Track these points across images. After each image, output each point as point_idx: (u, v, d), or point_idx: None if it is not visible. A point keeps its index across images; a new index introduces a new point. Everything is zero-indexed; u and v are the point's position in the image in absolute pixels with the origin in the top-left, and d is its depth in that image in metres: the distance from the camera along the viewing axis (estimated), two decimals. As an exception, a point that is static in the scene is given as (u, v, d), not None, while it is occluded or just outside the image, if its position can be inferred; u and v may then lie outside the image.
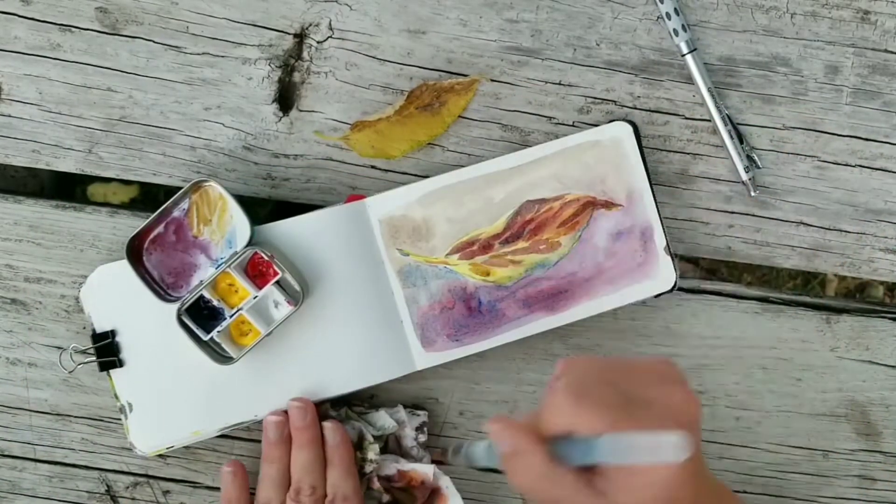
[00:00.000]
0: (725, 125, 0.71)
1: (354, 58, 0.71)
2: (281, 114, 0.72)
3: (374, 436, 0.69)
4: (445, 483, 0.69)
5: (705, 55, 0.72)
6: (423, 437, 0.71)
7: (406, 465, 0.69)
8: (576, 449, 0.51)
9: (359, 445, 0.69)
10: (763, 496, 0.74)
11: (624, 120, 0.70)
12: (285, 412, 0.69)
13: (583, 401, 0.51)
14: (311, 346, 0.69)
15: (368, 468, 0.68)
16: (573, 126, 0.72)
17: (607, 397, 0.52)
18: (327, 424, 0.68)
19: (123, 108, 0.71)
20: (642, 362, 0.56)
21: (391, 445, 0.71)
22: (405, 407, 0.72)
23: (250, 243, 0.67)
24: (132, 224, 0.71)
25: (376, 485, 0.69)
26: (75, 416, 0.72)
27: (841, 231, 0.73)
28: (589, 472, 0.52)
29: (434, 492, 0.70)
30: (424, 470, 0.69)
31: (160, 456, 0.72)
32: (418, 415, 0.72)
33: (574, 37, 0.71)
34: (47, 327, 0.72)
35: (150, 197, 0.75)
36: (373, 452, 0.68)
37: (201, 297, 0.67)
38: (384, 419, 0.70)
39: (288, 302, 0.67)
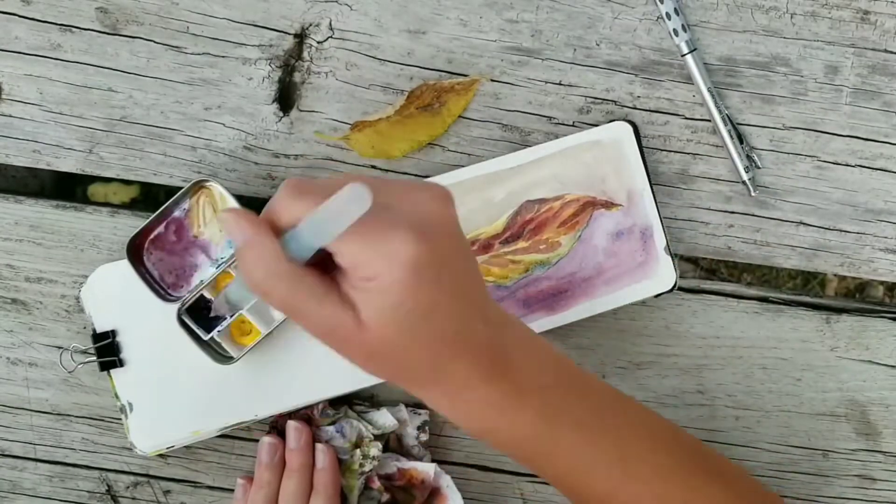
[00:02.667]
0: (725, 125, 0.71)
1: (355, 58, 0.71)
2: (281, 114, 0.72)
3: (374, 434, 0.69)
4: (446, 482, 0.69)
5: (705, 55, 0.72)
6: (424, 437, 0.71)
7: (406, 464, 0.69)
8: (294, 240, 0.47)
9: (358, 444, 0.69)
10: (763, 496, 0.74)
11: (624, 120, 0.70)
12: (281, 434, 0.69)
13: (303, 189, 0.48)
14: (311, 345, 0.69)
15: (368, 466, 0.68)
16: (573, 126, 0.72)
17: (325, 186, 0.48)
18: (319, 447, 0.68)
19: (124, 108, 0.71)
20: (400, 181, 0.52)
21: (392, 444, 0.71)
22: (406, 406, 0.72)
23: (250, 243, 0.67)
24: (133, 224, 0.71)
25: (376, 484, 0.69)
26: (76, 416, 0.72)
27: (841, 231, 0.73)
28: (336, 284, 0.49)
29: (434, 491, 0.70)
30: (425, 469, 0.69)
31: (161, 456, 0.72)
32: (420, 414, 0.72)
33: (574, 37, 0.71)
34: (48, 327, 0.72)
35: (150, 197, 0.75)
36: (375, 449, 0.68)
37: (202, 296, 0.67)
38: (385, 417, 0.70)
39: (288, 302, 0.67)
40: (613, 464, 0.56)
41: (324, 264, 0.50)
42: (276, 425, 0.71)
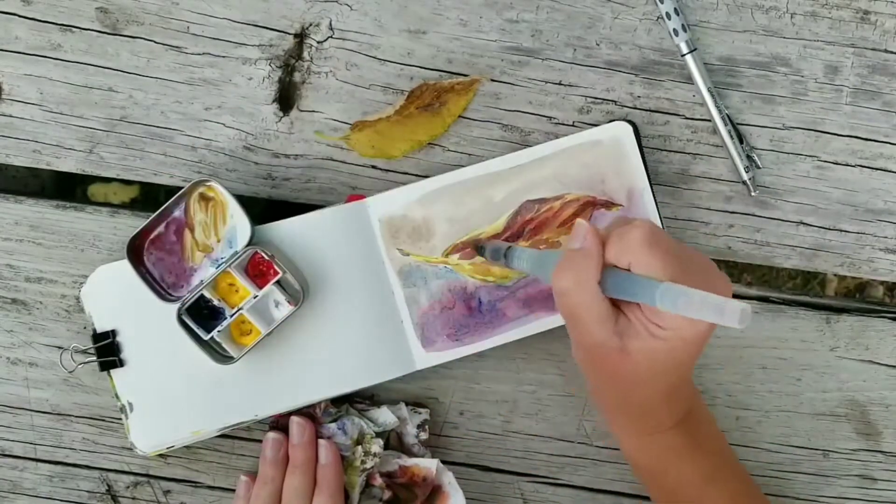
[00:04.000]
0: (725, 125, 0.71)
1: (355, 58, 0.71)
2: (281, 114, 0.72)
3: (375, 432, 0.69)
4: (448, 479, 0.69)
5: (705, 55, 0.72)
6: (424, 435, 0.71)
7: (408, 461, 0.69)
8: (627, 284, 0.52)
9: (359, 441, 0.69)
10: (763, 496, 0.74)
11: (624, 120, 0.70)
12: (285, 431, 0.69)
13: (655, 246, 0.53)
14: (311, 345, 0.69)
15: (370, 463, 0.68)
16: (573, 126, 0.72)
17: (675, 252, 0.54)
18: (322, 442, 0.68)
19: (124, 108, 0.71)
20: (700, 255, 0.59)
21: (392, 442, 0.71)
22: (407, 405, 0.72)
23: (251, 243, 0.67)
24: (133, 224, 0.71)
25: (378, 481, 0.69)
26: (76, 416, 0.72)
27: (841, 231, 0.73)
28: (617, 310, 0.54)
29: (436, 488, 0.70)
30: (427, 466, 0.69)
31: (161, 456, 0.72)
32: (420, 412, 0.72)
33: (574, 37, 0.71)
34: (48, 327, 0.72)
35: (150, 197, 0.75)
36: (376, 446, 0.68)
37: (202, 296, 0.67)
38: (386, 415, 0.70)
39: (288, 302, 0.68)
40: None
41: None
42: (276, 425, 0.71)
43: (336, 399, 0.70)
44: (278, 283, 0.68)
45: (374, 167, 0.72)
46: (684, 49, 0.71)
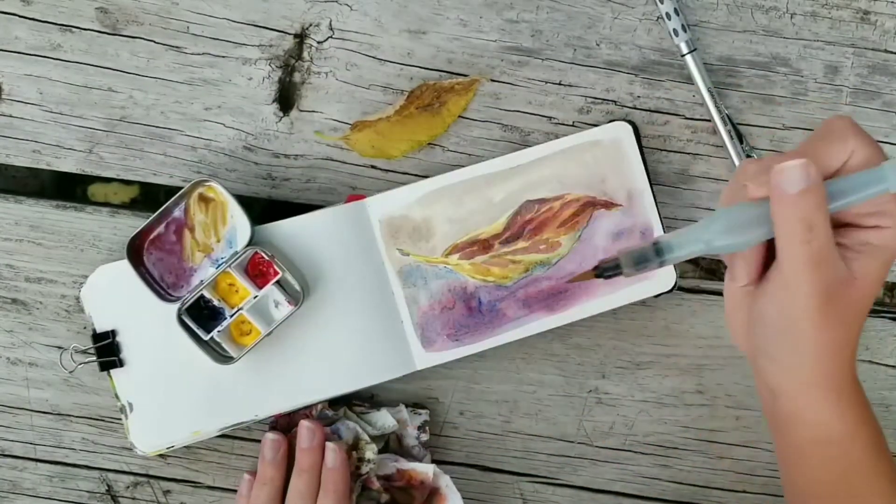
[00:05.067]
0: (725, 125, 0.71)
1: (355, 58, 0.71)
2: (281, 114, 0.72)
3: (374, 435, 0.69)
4: (445, 482, 0.69)
5: (705, 55, 0.72)
6: (424, 437, 0.71)
7: (405, 465, 0.69)
8: (854, 182, 0.48)
9: (355, 446, 0.69)
10: (763, 496, 0.74)
11: (624, 120, 0.70)
12: (285, 431, 0.69)
13: (861, 128, 0.50)
14: (311, 345, 0.69)
15: (365, 468, 0.68)
16: (573, 126, 0.72)
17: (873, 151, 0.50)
18: (329, 445, 0.67)
19: (124, 108, 0.71)
20: None
21: (392, 444, 0.71)
22: (406, 406, 0.72)
23: (251, 243, 0.67)
24: (133, 224, 0.71)
25: (375, 485, 0.69)
26: (76, 416, 0.72)
27: (841, 231, 0.73)
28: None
29: (433, 491, 0.70)
30: (424, 469, 0.69)
31: (160, 456, 0.72)
32: (420, 413, 0.72)
33: (574, 37, 0.71)
34: (48, 327, 0.72)
35: (150, 197, 0.75)
36: (370, 452, 0.68)
37: (202, 296, 0.67)
38: (385, 418, 0.70)
39: (288, 302, 0.68)
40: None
41: None
42: (275, 425, 0.71)
43: (334, 400, 0.70)
44: (278, 283, 0.68)
45: (374, 167, 0.72)
46: (684, 49, 0.71)
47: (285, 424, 0.70)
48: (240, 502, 0.69)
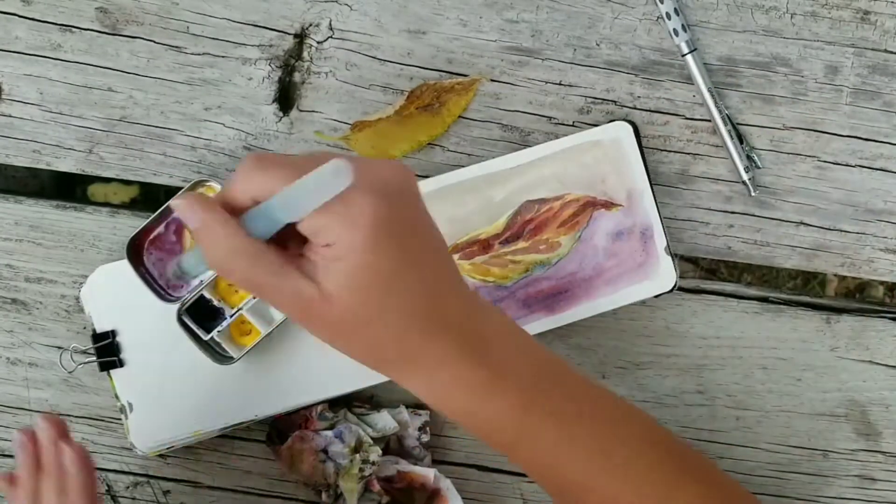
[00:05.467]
0: (725, 125, 0.71)
1: (354, 58, 0.71)
2: (281, 114, 0.72)
3: (375, 437, 0.69)
4: (446, 485, 0.69)
5: (705, 55, 0.72)
6: (425, 438, 0.71)
7: (406, 467, 0.69)
8: (261, 216, 0.47)
9: (357, 448, 0.69)
10: (763, 496, 0.74)
11: (624, 120, 0.70)
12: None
13: (267, 164, 0.47)
14: (311, 345, 0.69)
15: (368, 470, 0.68)
16: (573, 126, 0.72)
17: (293, 161, 0.47)
18: (66, 450, 0.60)
19: (124, 108, 0.71)
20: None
21: (393, 446, 0.71)
22: (407, 407, 0.71)
23: (250, 243, 0.67)
24: (132, 224, 0.71)
25: (376, 487, 0.69)
26: (76, 416, 0.72)
27: (841, 231, 0.73)
28: (298, 256, 0.48)
29: (434, 493, 0.69)
30: (425, 472, 0.69)
31: (160, 456, 0.72)
32: (420, 414, 0.71)
33: (574, 37, 0.71)
34: (48, 327, 0.72)
35: (150, 197, 0.75)
36: (374, 454, 0.68)
37: (202, 296, 0.67)
38: (385, 420, 0.70)
39: (288, 302, 0.67)
40: (592, 457, 0.54)
41: (285, 240, 0.49)
42: (276, 426, 0.71)
43: (334, 401, 0.70)
44: (278, 283, 0.67)
45: (373, 167, 0.72)
46: (684, 49, 0.71)
47: (285, 425, 0.70)
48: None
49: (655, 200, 0.70)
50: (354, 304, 0.48)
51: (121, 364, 0.69)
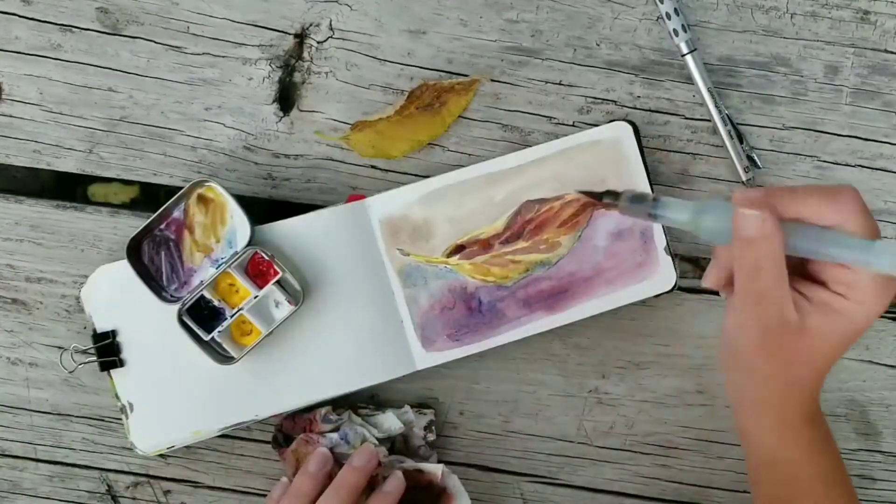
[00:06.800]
0: (725, 125, 0.71)
1: (355, 58, 0.71)
2: (281, 114, 0.72)
3: (379, 438, 0.69)
4: (453, 482, 0.69)
5: (705, 55, 0.72)
6: (431, 436, 0.71)
7: (412, 464, 0.69)
8: (837, 243, 0.51)
9: None
10: (763, 496, 0.74)
11: (624, 120, 0.70)
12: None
13: (867, 211, 0.52)
14: (311, 345, 0.69)
15: (375, 471, 0.68)
16: (573, 126, 0.72)
17: (861, 213, 0.52)
18: (398, 474, 0.66)
19: (124, 108, 0.71)
20: None
21: (398, 446, 0.71)
22: (411, 407, 0.71)
23: (250, 243, 0.67)
24: (133, 224, 0.71)
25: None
26: (76, 416, 0.72)
27: (841, 231, 0.73)
28: (792, 289, 0.53)
29: (441, 491, 0.69)
30: (432, 470, 0.69)
31: (161, 456, 0.72)
32: (425, 413, 0.71)
33: (574, 37, 0.72)
34: (48, 327, 0.72)
35: (150, 197, 0.74)
36: (381, 454, 0.68)
37: (202, 297, 0.67)
38: (391, 420, 0.70)
39: (289, 301, 0.68)
40: None
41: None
42: (280, 428, 0.71)
43: (337, 402, 0.70)
44: (278, 283, 0.68)
45: (374, 167, 0.72)
46: (684, 49, 0.71)
47: (289, 427, 0.70)
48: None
49: (655, 200, 0.70)
50: (818, 350, 0.54)
51: (121, 364, 0.69)
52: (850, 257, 0.50)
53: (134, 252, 0.68)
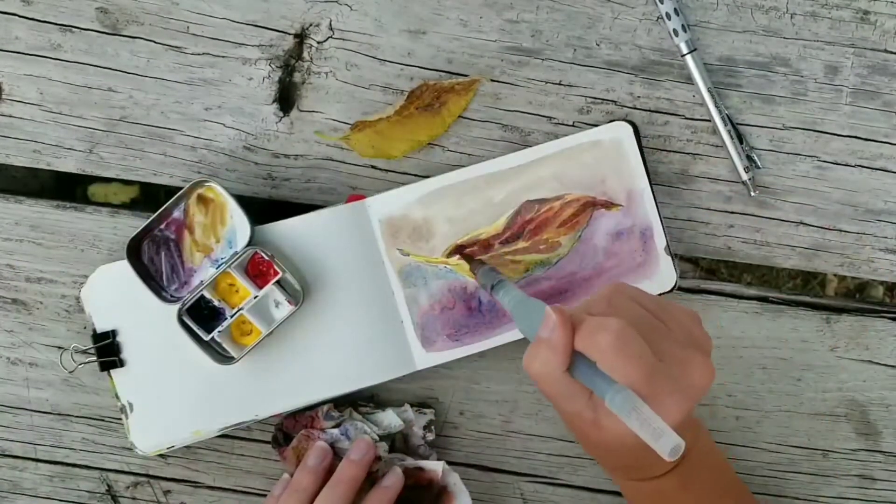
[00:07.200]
0: (725, 125, 0.71)
1: (355, 58, 0.71)
2: (281, 114, 0.72)
3: (380, 435, 0.69)
4: (453, 480, 0.69)
5: (705, 55, 0.72)
6: (430, 436, 0.71)
7: (413, 462, 0.69)
8: (592, 376, 0.53)
9: None
10: (763, 496, 0.74)
11: (624, 120, 0.70)
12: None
13: (623, 351, 0.53)
14: (311, 345, 0.69)
15: (375, 467, 0.68)
16: (573, 126, 0.72)
17: (645, 354, 0.53)
18: (397, 469, 0.67)
19: (124, 108, 0.71)
20: (677, 314, 0.57)
21: (398, 444, 0.71)
22: (411, 406, 0.72)
23: (250, 243, 0.67)
24: (133, 224, 0.71)
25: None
26: (76, 416, 0.72)
27: (841, 231, 0.73)
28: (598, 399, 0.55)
29: (441, 489, 0.69)
30: (432, 467, 0.69)
31: (161, 456, 0.72)
32: (425, 413, 0.72)
33: (574, 37, 0.72)
34: (48, 327, 0.72)
35: (150, 197, 0.75)
36: (382, 450, 0.68)
37: (202, 297, 0.67)
38: (391, 418, 0.70)
39: (288, 301, 0.68)
40: None
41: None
42: (281, 427, 0.71)
43: (338, 401, 0.70)
44: (278, 283, 0.68)
45: (374, 167, 0.72)
46: (684, 49, 0.71)
47: (291, 426, 0.70)
48: (268, 502, 0.68)
49: (655, 200, 0.70)
50: (615, 442, 0.56)
51: (121, 364, 0.69)
52: (600, 393, 0.53)
53: (134, 252, 0.68)
